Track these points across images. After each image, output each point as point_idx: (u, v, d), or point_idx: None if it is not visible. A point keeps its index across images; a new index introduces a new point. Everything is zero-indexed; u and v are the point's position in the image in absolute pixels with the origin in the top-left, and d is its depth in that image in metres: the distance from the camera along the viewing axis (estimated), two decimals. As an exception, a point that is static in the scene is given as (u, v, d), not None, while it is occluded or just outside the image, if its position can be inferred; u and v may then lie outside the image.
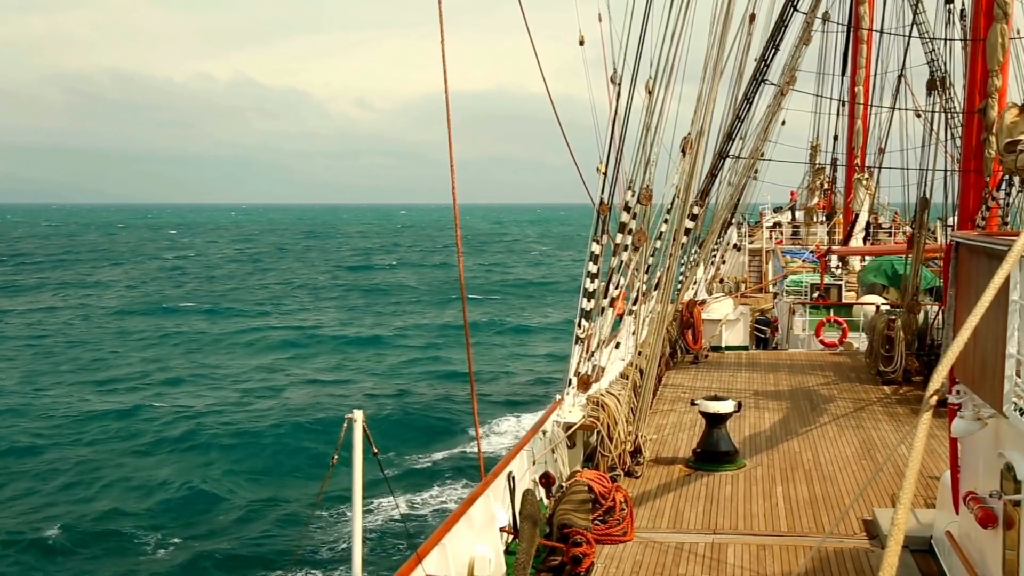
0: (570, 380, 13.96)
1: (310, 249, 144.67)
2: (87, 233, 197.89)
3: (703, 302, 25.95)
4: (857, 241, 35.16)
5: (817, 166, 47.59)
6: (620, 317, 16.20)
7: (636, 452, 13.33)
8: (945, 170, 19.15)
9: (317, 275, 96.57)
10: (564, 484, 10.69)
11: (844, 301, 29.01)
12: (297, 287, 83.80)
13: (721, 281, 37.57)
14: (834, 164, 43.50)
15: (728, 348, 26.00)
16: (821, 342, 25.11)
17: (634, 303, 15.96)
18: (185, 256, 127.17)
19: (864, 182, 34.75)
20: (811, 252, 39.13)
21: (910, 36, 22.82)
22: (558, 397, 13.86)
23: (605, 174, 14.40)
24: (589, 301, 14.43)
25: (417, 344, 50.97)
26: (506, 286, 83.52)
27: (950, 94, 20.44)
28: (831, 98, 36.46)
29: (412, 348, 49.70)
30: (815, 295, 29.76)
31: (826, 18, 30.87)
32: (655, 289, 16.38)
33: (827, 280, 30.40)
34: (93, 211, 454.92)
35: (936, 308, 20.29)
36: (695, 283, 25.83)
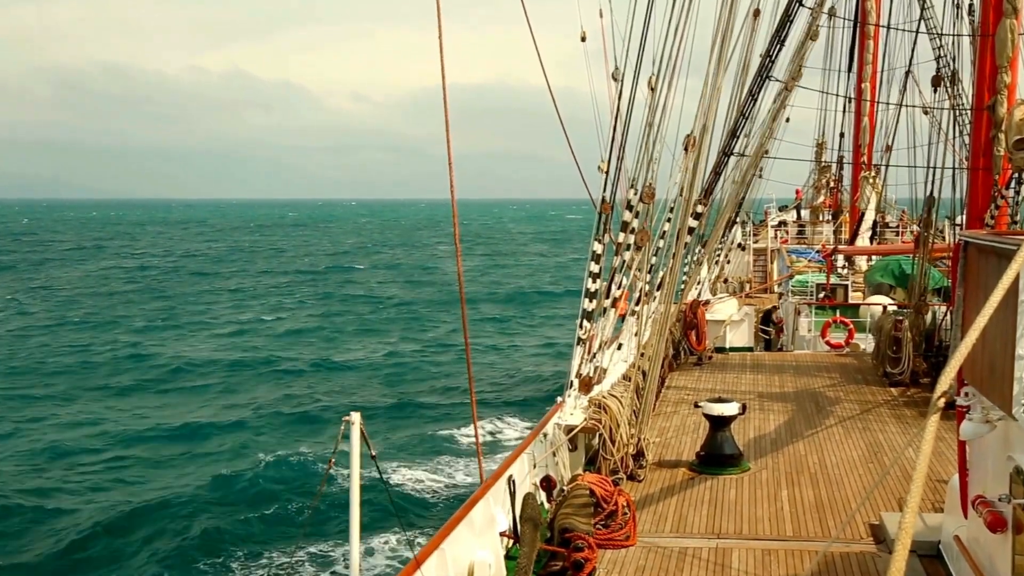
0: (571, 382, 13.79)
1: (300, 247, 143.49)
2: (66, 230, 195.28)
3: (707, 302, 25.75)
4: (864, 240, 34.95)
5: (823, 164, 47.41)
6: (622, 318, 16.03)
7: (639, 455, 13.16)
8: (953, 168, 18.98)
9: (307, 275, 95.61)
10: (565, 488, 10.56)
11: (850, 301, 28.79)
12: (288, 287, 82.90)
13: (725, 281, 37.36)
14: (840, 162, 43.34)
15: (732, 349, 25.79)
16: (827, 343, 24.89)
17: (636, 303, 15.79)
18: (154, 255, 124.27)
19: (871, 180, 34.56)
20: (817, 251, 38.91)
21: (918, 32, 22.69)
22: (559, 399, 13.69)
23: (607, 172, 14.23)
24: (591, 301, 14.26)
25: (413, 346, 50.71)
26: (503, 287, 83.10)
27: (958, 90, 20.27)
28: (837, 95, 36.39)
29: (408, 350, 49.39)
30: (821, 295, 29.53)
31: (832, 13, 30.74)
32: (658, 289, 16.19)
33: (833, 280, 30.15)
34: (83, 207, 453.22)
35: (944, 309, 20.07)
36: (699, 283, 25.65)
